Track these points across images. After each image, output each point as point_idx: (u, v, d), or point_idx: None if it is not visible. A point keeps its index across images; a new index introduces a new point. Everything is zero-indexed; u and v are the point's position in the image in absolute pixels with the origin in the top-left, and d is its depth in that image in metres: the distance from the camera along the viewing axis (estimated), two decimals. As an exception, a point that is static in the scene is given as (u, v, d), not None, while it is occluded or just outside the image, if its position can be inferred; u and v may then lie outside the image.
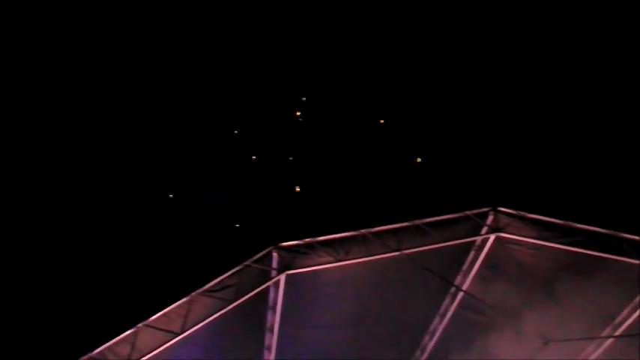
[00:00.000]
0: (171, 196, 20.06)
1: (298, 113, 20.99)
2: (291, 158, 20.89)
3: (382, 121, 21.09)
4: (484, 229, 17.10)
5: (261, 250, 16.54)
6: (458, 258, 17.47)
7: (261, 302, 16.98)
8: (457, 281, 17.55)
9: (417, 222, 17.11)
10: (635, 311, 17.05)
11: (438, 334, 18.31)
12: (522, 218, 16.96)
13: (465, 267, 17.48)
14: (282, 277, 16.64)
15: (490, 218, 17.08)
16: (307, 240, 16.73)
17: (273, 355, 17.84)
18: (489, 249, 17.21)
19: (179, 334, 16.14)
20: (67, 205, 19.46)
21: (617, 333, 17.31)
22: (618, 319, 17.28)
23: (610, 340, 17.41)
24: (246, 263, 16.45)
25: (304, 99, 20.90)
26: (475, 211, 17.14)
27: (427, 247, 16.92)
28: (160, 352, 16.05)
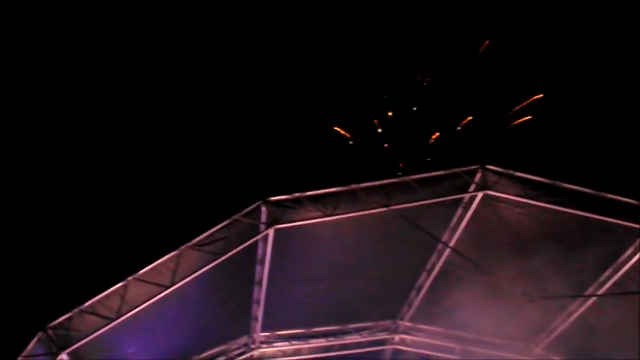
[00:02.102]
0: None
1: None
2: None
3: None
4: (472, 187, 16.98)
5: (250, 205, 16.50)
6: (445, 215, 17.43)
7: (250, 256, 17.02)
8: (444, 238, 17.57)
9: (405, 178, 17.07)
10: (619, 270, 17.21)
11: (424, 290, 18.48)
12: (510, 177, 16.88)
13: (452, 224, 17.46)
14: (271, 232, 16.62)
15: (478, 176, 16.94)
16: (296, 195, 16.67)
17: (261, 309, 18.02)
18: (477, 206, 17.16)
19: (168, 288, 16.18)
20: (60, 167, 19.53)
21: (601, 292, 17.50)
22: (602, 278, 17.46)
23: (593, 298, 17.60)
24: (235, 217, 16.40)
25: None
26: (463, 169, 17.02)
27: (415, 204, 16.84)
28: (149, 305, 16.14)
